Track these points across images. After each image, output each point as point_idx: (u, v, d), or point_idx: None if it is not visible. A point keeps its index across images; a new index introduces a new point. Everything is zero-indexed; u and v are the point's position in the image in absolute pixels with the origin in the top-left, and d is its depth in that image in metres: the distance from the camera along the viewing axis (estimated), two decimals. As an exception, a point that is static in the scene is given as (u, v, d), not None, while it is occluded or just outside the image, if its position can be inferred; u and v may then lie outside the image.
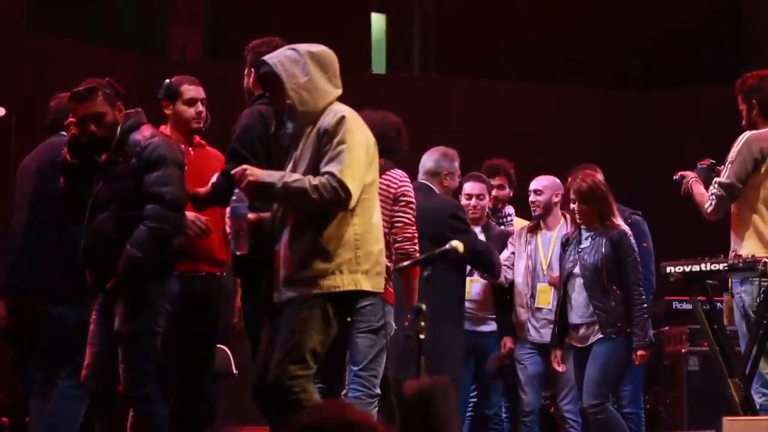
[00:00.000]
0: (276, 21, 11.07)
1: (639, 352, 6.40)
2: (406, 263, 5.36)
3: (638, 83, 13.38)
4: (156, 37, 12.43)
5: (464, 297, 6.66)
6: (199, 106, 5.81)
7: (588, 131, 12.32)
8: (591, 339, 6.47)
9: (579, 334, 6.53)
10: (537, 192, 7.17)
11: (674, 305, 8.33)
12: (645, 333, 6.44)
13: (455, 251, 4.79)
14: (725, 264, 5.75)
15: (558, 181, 7.21)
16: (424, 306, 4.49)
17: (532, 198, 7.17)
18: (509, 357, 7.08)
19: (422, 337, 4.45)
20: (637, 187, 10.15)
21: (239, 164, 5.00)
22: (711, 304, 6.07)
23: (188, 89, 5.80)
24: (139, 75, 10.99)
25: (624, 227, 6.55)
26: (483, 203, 7.09)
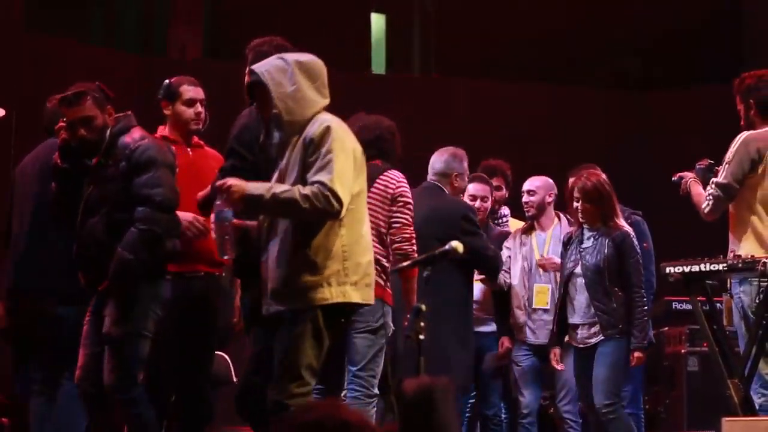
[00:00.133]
0: (276, 21, 11.06)
1: (636, 354, 6.39)
2: (406, 263, 5.36)
3: (638, 83, 13.38)
4: (156, 37, 12.43)
5: (470, 298, 6.62)
6: (198, 107, 5.81)
7: (588, 131, 12.32)
8: (593, 340, 6.47)
9: (579, 335, 6.52)
10: (530, 192, 7.18)
11: (674, 305, 8.33)
12: (644, 335, 6.43)
13: (455, 251, 4.79)
14: (724, 264, 5.75)
15: (551, 182, 7.22)
16: (424, 306, 4.49)
17: (525, 198, 7.17)
18: (507, 357, 7.09)
19: (422, 338, 4.45)
20: (637, 187, 10.14)
21: (238, 163, 5.02)
22: (710, 305, 6.08)
23: (188, 90, 5.80)
24: (139, 75, 11.00)
25: (627, 228, 6.54)
26: (486, 205, 7.12)
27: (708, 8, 12.55)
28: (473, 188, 7.06)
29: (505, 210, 7.65)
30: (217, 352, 6.30)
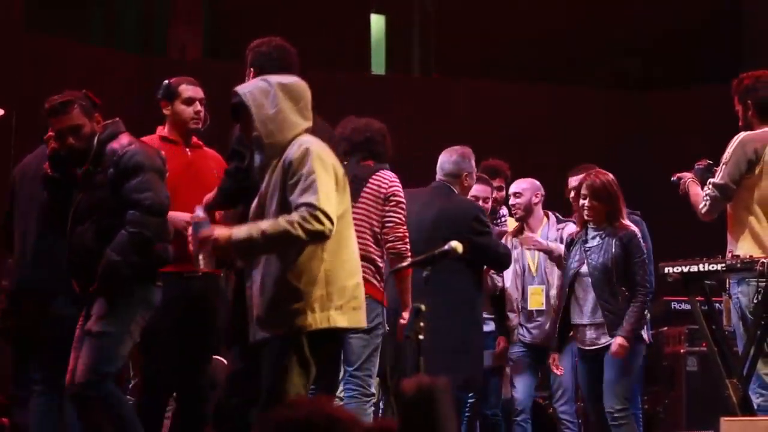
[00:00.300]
0: (276, 21, 11.08)
1: (618, 340, 6.28)
2: (406, 263, 5.37)
3: (638, 83, 13.39)
4: (156, 37, 12.44)
5: (478, 299, 6.55)
6: (197, 106, 5.81)
7: (588, 131, 12.33)
8: (600, 341, 6.39)
9: (586, 336, 6.46)
10: (516, 195, 7.20)
11: (673, 306, 8.34)
12: (631, 326, 6.30)
13: (454, 251, 4.80)
14: (723, 264, 5.75)
15: (537, 183, 7.24)
16: (423, 306, 4.48)
17: (512, 201, 7.18)
18: (503, 356, 7.10)
19: (421, 338, 4.45)
20: (637, 187, 10.13)
21: (242, 164, 5.02)
22: (709, 305, 6.08)
23: (186, 89, 5.80)
24: (139, 75, 11.01)
25: (633, 228, 6.50)
26: (487, 206, 7.13)
27: (708, 8, 12.57)
28: (475, 189, 7.06)
29: (504, 210, 7.67)
30: (215, 357, 6.29)
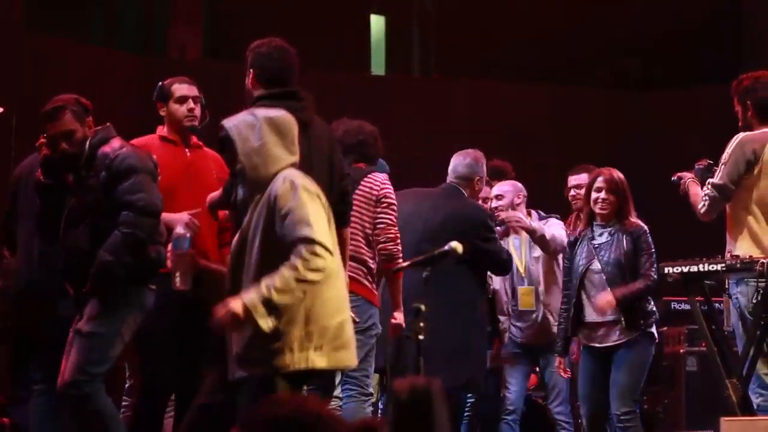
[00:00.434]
0: (276, 21, 11.08)
1: (608, 297, 6.22)
2: (405, 264, 5.37)
3: (638, 83, 13.39)
4: (156, 37, 12.44)
5: (480, 300, 6.54)
6: (191, 104, 5.80)
7: (588, 131, 12.33)
8: (612, 338, 6.33)
9: (598, 334, 6.38)
10: (498, 197, 7.15)
11: (673, 306, 8.34)
12: (626, 295, 6.22)
13: (454, 252, 4.80)
14: (723, 264, 5.76)
15: (519, 185, 7.23)
16: (423, 306, 4.48)
17: (495, 203, 7.13)
18: (498, 357, 7.10)
19: (421, 338, 4.45)
20: (637, 187, 10.09)
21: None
22: (709, 305, 6.08)
23: (179, 88, 5.80)
24: (139, 75, 11.01)
25: (642, 225, 6.49)
26: (487, 206, 7.14)
27: (708, 8, 12.57)
28: None
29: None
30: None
